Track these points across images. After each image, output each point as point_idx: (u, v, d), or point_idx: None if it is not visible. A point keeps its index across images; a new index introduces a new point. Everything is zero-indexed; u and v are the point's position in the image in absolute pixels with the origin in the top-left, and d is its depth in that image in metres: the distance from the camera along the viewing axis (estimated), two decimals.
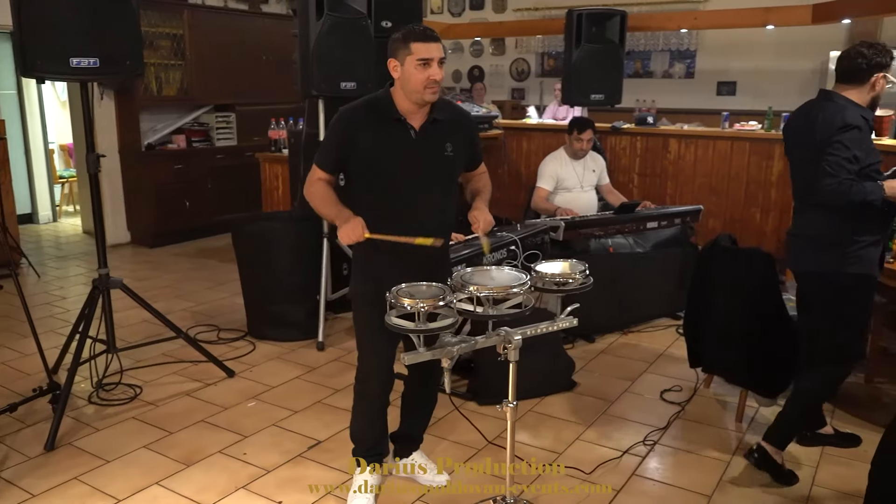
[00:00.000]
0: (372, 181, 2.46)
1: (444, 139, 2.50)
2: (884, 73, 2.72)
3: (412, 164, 2.46)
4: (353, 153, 2.45)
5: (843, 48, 7.05)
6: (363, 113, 2.47)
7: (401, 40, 2.36)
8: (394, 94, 2.46)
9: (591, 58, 5.58)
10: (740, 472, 2.95)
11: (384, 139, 2.44)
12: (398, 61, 2.37)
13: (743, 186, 5.77)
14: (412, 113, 2.45)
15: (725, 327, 3.37)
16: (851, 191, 2.58)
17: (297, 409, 3.51)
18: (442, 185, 2.55)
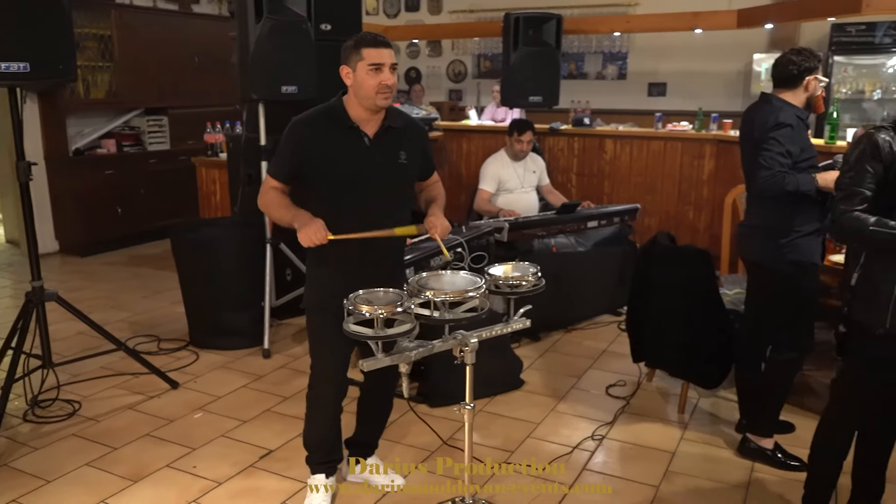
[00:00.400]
0: (326, 189, 2.46)
1: (398, 147, 2.52)
2: (814, 75, 2.91)
3: (366, 172, 2.47)
4: (307, 162, 2.44)
5: (766, 51, 7.38)
6: (316, 122, 2.47)
7: (352, 47, 2.38)
8: (346, 102, 2.47)
9: (529, 60, 5.67)
10: (685, 462, 3.06)
11: (338, 147, 2.44)
12: (350, 68, 2.38)
13: (676, 185, 5.97)
14: (365, 120, 2.46)
15: (665, 322, 3.49)
16: (785, 181, 2.77)
17: (246, 418, 3.45)
18: (396, 193, 2.57)
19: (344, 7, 4.88)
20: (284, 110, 4.61)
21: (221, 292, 4.33)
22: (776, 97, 2.94)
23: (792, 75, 2.90)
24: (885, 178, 2.18)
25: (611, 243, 4.88)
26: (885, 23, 6.51)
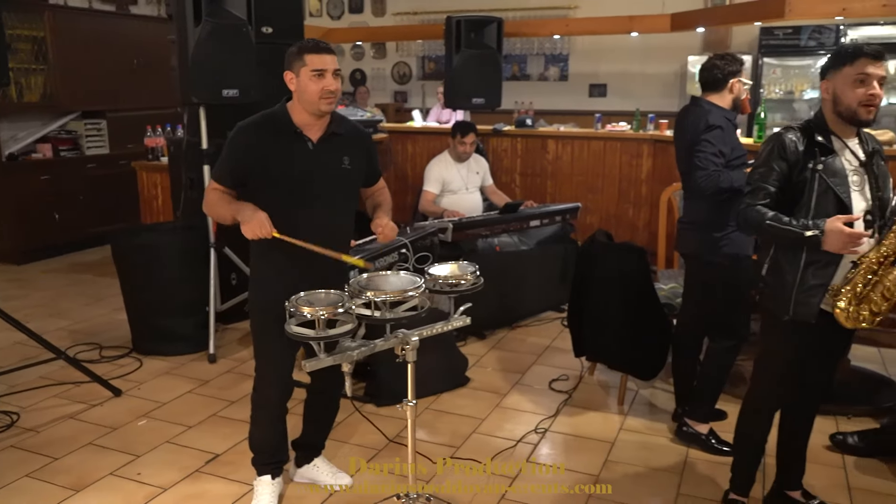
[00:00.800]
0: (270, 194, 2.48)
1: (342, 153, 2.56)
2: (737, 77, 3.08)
3: (310, 176, 2.51)
4: (251, 167, 2.47)
5: (700, 53, 7.63)
6: (260, 127, 2.50)
7: (296, 53, 2.42)
8: (290, 108, 2.51)
9: (471, 63, 5.76)
10: (624, 451, 3.18)
11: (282, 152, 2.48)
12: (294, 73, 2.43)
13: (616, 184, 6.13)
14: (309, 125, 2.50)
15: (604, 317, 3.61)
16: (720, 179, 2.94)
17: (192, 423, 3.44)
18: (340, 198, 2.61)
19: (285, 10, 4.88)
20: (226, 114, 4.63)
21: (165, 298, 4.29)
22: (705, 100, 3.10)
23: (717, 79, 3.07)
24: (790, 175, 2.33)
25: (553, 242, 5.00)
26: (809, 27, 6.82)
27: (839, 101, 2.29)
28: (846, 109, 2.27)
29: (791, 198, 2.33)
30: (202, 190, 4.44)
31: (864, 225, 2.30)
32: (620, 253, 3.56)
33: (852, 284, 2.27)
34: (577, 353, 3.88)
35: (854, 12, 4.53)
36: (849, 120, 2.29)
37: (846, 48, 2.30)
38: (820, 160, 2.29)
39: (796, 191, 2.32)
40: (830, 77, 2.32)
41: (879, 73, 2.23)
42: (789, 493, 2.70)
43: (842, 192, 2.28)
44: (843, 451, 3.12)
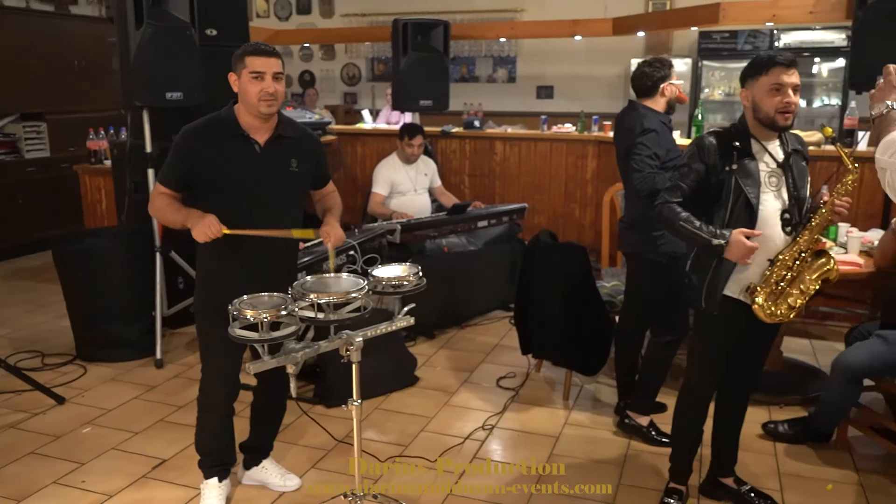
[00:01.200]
0: (218, 197, 2.51)
1: (289, 155, 2.59)
2: (667, 81, 3.19)
3: (257, 179, 2.53)
4: (198, 170, 2.49)
5: (642, 56, 7.83)
6: (206, 130, 2.52)
7: (238, 55, 2.46)
8: (237, 111, 2.53)
9: (418, 65, 5.81)
10: (568, 445, 3.27)
11: (228, 155, 2.50)
12: (237, 75, 2.46)
13: (562, 184, 6.26)
14: (256, 128, 2.52)
15: (549, 315, 3.70)
16: (655, 181, 3.06)
17: (138, 429, 3.41)
18: (287, 201, 2.63)
19: (230, 12, 4.86)
20: (170, 116, 4.60)
21: (110, 303, 4.23)
22: (641, 104, 3.22)
23: (648, 86, 3.19)
24: (708, 177, 2.46)
25: (500, 242, 5.09)
26: (745, 31, 7.06)
27: (758, 109, 2.41)
28: (765, 116, 2.40)
29: (711, 198, 2.46)
30: (147, 193, 4.39)
31: (780, 223, 2.44)
32: (562, 252, 3.65)
33: (769, 282, 2.40)
34: (523, 351, 3.97)
35: (783, 18, 4.74)
36: (768, 126, 2.42)
37: (761, 58, 2.41)
38: (735, 163, 2.42)
39: (714, 191, 2.44)
40: (749, 86, 2.43)
41: (793, 80, 2.36)
42: (722, 479, 2.83)
43: (752, 194, 2.41)
44: (775, 439, 3.26)
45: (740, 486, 2.80)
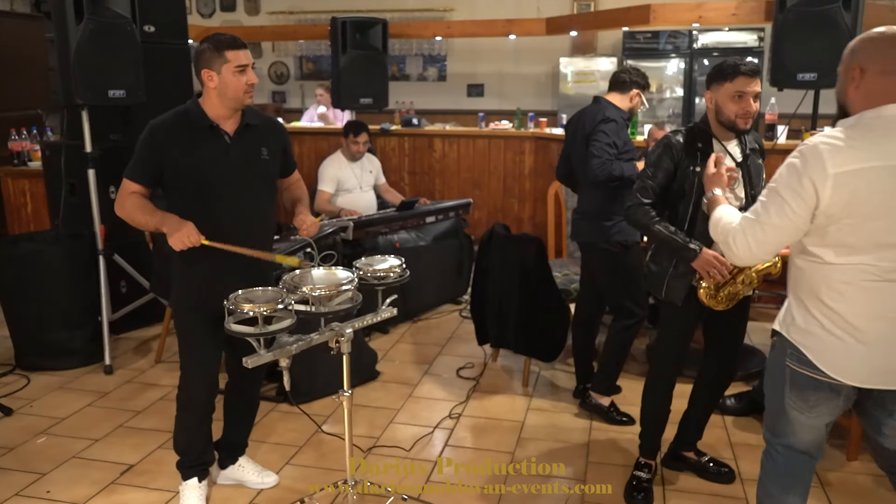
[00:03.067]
0: (191, 191, 2.49)
1: (259, 144, 2.59)
2: (639, 90, 3.39)
3: (230, 170, 2.52)
4: (169, 164, 2.47)
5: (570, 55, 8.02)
6: (175, 124, 2.49)
7: (213, 49, 2.43)
8: (203, 104, 2.51)
9: (357, 63, 5.83)
10: (534, 429, 3.40)
11: (199, 147, 2.48)
12: (214, 71, 2.43)
13: (501, 180, 6.41)
14: (224, 119, 2.51)
15: (507, 306, 3.82)
16: (612, 167, 3.24)
17: (98, 437, 3.31)
18: (261, 190, 2.64)
19: (167, 8, 4.75)
20: (106, 116, 4.45)
21: (50, 310, 4.07)
22: (605, 99, 3.40)
23: (623, 81, 3.39)
24: (675, 174, 2.63)
25: (448, 236, 5.18)
26: (666, 32, 7.42)
27: (720, 112, 2.58)
28: (726, 120, 2.58)
29: (674, 195, 2.63)
30: (85, 196, 4.24)
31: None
32: (519, 244, 3.77)
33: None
34: (480, 342, 4.07)
35: (708, 20, 5.03)
36: (729, 128, 2.61)
37: (727, 66, 2.55)
38: (699, 164, 2.60)
39: (679, 189, 2.61)
40: (713, 89, 2.59)
41: (755, 89, 2.54)
42: (685, 453, 3.01)
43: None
44: (723, 413, 3.49)
45: (700, 457, 2.99)
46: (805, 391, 1.96)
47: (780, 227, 1.88)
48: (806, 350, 1.93)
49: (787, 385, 1.99)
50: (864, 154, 1.77)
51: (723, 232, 2.07)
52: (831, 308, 1.88)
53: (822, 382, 1.93)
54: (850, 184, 1.77)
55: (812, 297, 1.91)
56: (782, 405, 2.02)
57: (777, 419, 2.06)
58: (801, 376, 1.95)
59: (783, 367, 1.99)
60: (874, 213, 1.78)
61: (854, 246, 1.82)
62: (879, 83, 1.81)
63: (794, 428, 2.03)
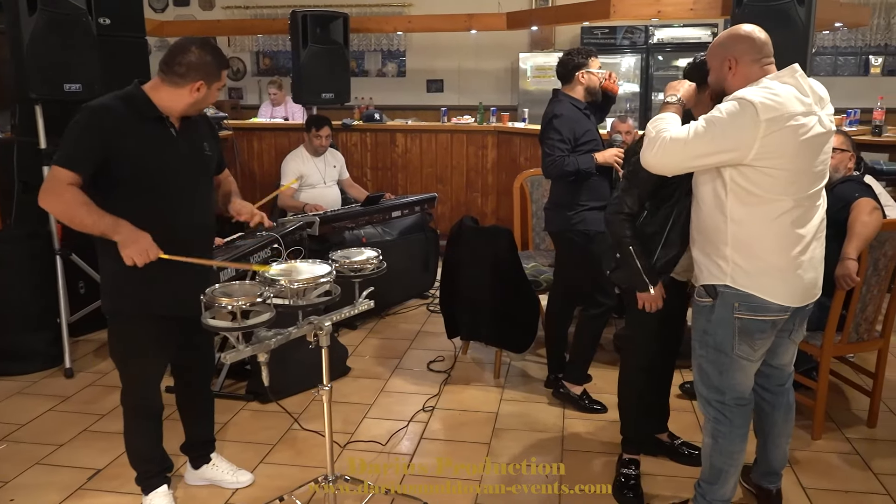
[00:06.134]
0: (137, 184, 2.34)
1: (201, 139, 2.53)
2: (584, 69, 3.37)
3: (178, 164, 2.42)
4: (115, 154, 2.27)
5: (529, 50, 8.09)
6: (121, 110, 2.31)
7: (213, 65, 2.35)
8: (150, 92, 2.37)
9: (319, 58, 5.78)
10: (508, 419, 3.41)
11: (148, 138, 2.34)
12: (205, 84, 2.35)
13: (464, 174, 6.43)
14: (172, 111, 2.40)
15: (478, 298, 3.82)
16: (565, 163, 3.26)
17: (62, 441, 3.21)
18: (205, 186, 2.58)
19: (124, 0, 4.62)
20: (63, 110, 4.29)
21: (6, 313, 3.95)
22: (562, 92, 3.42)
23: (565, 73, 3.40)
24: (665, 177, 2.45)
25: (414, 231, 5.16)
26: (623, 27, 7.53)
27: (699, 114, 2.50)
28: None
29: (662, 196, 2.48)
30: None
31: None
32: (490, 235, 3.78)
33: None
34: (450, 335, 4.07)
35: (667, 14, 5.11)
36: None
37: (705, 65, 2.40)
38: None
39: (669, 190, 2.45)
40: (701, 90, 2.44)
41: None
42: (658, 436, 3.06)
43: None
44: (691, 398, 3.55)
45: (674, 440, 3.05)
46: (753, 335, 2.25)
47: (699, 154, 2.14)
48: (758, 291, 2.19)
49: (737, 337, 2.26)
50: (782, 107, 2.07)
51: (655, 129, 2.24)
52: (762, 246, 2.17)
53: (767, 322, 2.24)
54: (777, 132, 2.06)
55: (749, 243, 2.17)
56: (730, 358, 2.29)
57: (725, 375, 2.32)
58: (751, 323, 2.23)
59: (730, 321, 2.25)
60: (792, 157, 2.10)
61: (778, 190, 2.11)
62: (752, 69, 2.19)
63: (744, 375, 2.32)
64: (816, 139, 2.14)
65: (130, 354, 2.54)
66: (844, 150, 3.21)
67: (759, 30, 2.24)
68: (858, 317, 3.07)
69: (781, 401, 2.54)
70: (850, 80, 8.14)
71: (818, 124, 2.14)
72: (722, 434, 2.36)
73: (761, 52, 2.20)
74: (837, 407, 3.46)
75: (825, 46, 8.01)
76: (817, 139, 2.14)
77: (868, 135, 5.26)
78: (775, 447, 2.58)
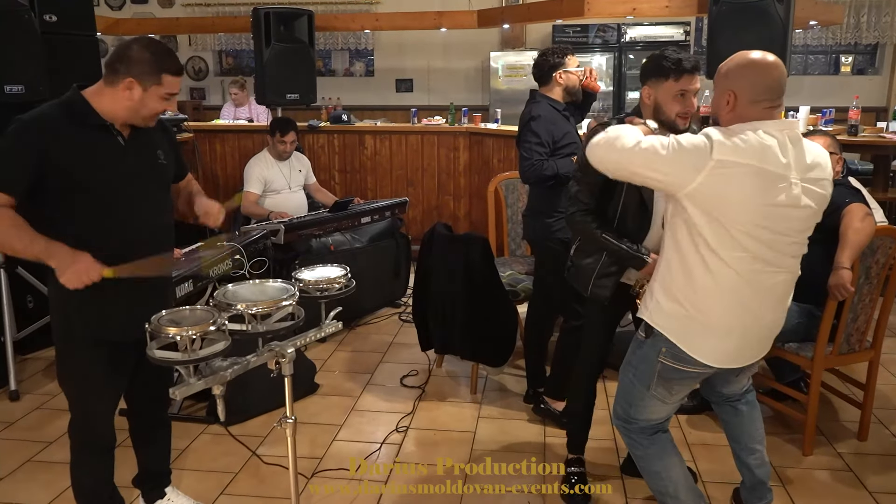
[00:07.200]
0: (78, 202, 2.10)
1: (155, 146, 2.29)
2: (561, 69, 3.21)
3: (126, 176, 2.18)
4: (51, 170, 2.05)
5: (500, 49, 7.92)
6: (58, 120, 2.08)
7: (152, 63, 2.07)
8: (91, 98, 2.13)
9: (283, 57, 5.55)
10: (486, 439, 3.23)
11: (89, 150, 2.11)
12: (139, 84, 2.08)
13: (435, 177, 6.23)
14: (115, 118, 2.15)
15: (452, 310, 3.63)
16: (543, 167, 3.10)
17: (3, 474, 2.95)
18: (161, 198, 2.34)
19: None
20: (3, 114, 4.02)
21: None
22: (539, 93, 3.25)
23: (542, 74, 3.24)
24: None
25: (384, 237, 4.96)
26: (595, 25, 7.40)
27: (660, 111, 2.36)
28: (666, 119, 2.37)
29: (605, 195, 2.46)
30: None
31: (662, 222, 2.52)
32: (463, 244, 3.59)
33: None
34: (423, 348, 3.88)
35: (642, 12, 4.97)
36: (668, 128, 2.41)
37: (670, 61, 2.30)
38: None
39: (609, 189, 2.42)
40: (652, 85, 2.36)
41: (697, 86, 2.37)
42: None
43: (646, 195, 2.42)
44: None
45: None
46: (671, 382, 2.20)
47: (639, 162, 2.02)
48: (680, 342, 2.10)
49: (655, 378, 2.20)
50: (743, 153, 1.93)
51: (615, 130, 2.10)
52: (703, 301, 2.05)
53: (689, 373, 2.16)
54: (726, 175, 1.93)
55: (685, 290, 2.07)
56: (645, 395, 2.25)
57: (635, 408, 2.30)
58: (673, 371, 2.16)
59: (654, 362, 2.18)
60: (741, 210, 1.94)
61: (726, 243, 1.97)
62: (749, 111, 1.98)
63: (654, 413, 2.29)
64: (787, 209, 1.96)
65: (80, 384, 2.31)
66: (833, 153, 3.08)
67: (774, 62, 1.99)
68: (850, 327, 2.95)
69: (741, 407, 2.48)
70: (820, 78, 8.13)
71: (791, 192, 1.95)
72: (638, 457, 2.38)
73: (766, 92, 1.97)
74: (825, 418, 3.34)
75: (796, 45, 7.97)
76: (788, 210, 1.96)
77: (844, 134, 5.18)
78: (750, 453, 2.49)
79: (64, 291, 2.11)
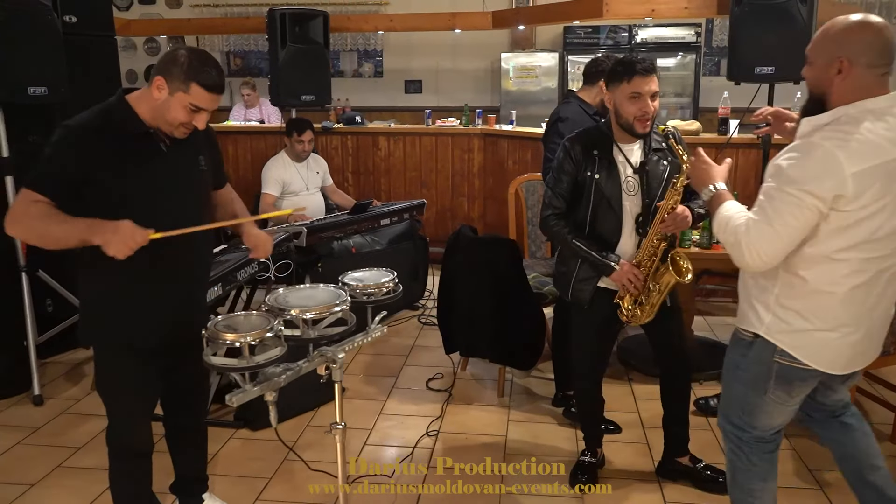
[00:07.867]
0: (120, 209, 2.06)
1: (196, 152, 2.26)
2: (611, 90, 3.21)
3: (168, 183, 2.16)
4: (91, 177, 2.04)
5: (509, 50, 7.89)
6: (100, 127, 2.07)
7: (185, 71, 2.01)
8: (134, 103, 2.11)
9: (298, 58, 5.51)
10: (519, 443, 3.21)
11: (131, 156, 2.09)
12: (169, 88, 2.03)
13: (449, 178, 6.21)
14: (158, 123, 2.12)
15: (479, 312, 3.61)
16: None
17: (32, 481, 2.92)
18: (201, 205, 2.32)
19: None
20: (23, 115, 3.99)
21: None
22: (574, 95, 3.23)
23: (592, 73, 3.22)
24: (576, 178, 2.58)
25: (403, 239, 4.94)
26: (607, 26, 7.38)
27: (619, 115, 2.45)
28: (625, 123, 2.45)
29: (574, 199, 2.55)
30: (2, 205, 3.78)
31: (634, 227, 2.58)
32: (492, 246, 3.58)
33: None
34: (448, 350, 3.85)
35: (661, 13, 4.95)
36: (627, 131, 2.47)
37: (621, 64, 2.40)
38: (597, 170, 2.50)
39: (577, 193, 2.51)
40: (611, 89, 2.45)
41: (652, 88, 2.40)
42: (678, 459, 2.89)
43: (614, 200, 2.50)
44: (707, 414, 3.39)
45: (696, 464, 2.88)
46: (792, 384, 1.98)
47: (796, 228, 1.79)
48: (797, 353, 1.92)
49: (773, 380, 1.99)
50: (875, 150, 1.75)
51: (733, 234, 1.91)
52: (826, 311, 1.88)
53: (811, 372, 1.95)
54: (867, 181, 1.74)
55: (807, 302, 1.89)
56: (762, 400, 2.02)
57: (750, 415, 2.07)
58: (792, 370, 1.95)
59: (769, 363, 1.97)
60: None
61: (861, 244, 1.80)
62: (865, 77, 1.79)
63: (771, 418, 2.06)
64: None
65: (115, 390, 2.29)
66: None
67: (885, 23, 1.81)
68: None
69: (849, 420, 2.21)
70: None
71: None
72: (738, 469, 2.14)
73: (882, 56, 1.78)
74: None
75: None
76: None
77: None
78: (873, 470, 2.16)
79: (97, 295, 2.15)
